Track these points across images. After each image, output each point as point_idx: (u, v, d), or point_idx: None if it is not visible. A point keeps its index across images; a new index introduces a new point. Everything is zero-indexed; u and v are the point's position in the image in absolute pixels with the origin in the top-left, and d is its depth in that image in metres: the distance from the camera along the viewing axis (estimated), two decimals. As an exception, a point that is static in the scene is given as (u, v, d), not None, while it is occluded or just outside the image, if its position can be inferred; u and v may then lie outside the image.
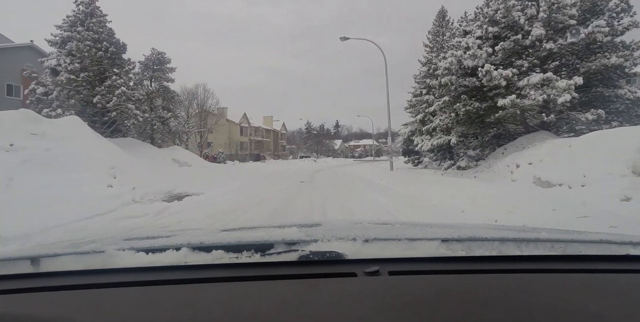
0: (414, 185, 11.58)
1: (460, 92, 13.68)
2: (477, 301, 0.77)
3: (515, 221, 4.88)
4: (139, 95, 17.98)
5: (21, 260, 1.06)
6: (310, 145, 77.30)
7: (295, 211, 7.26)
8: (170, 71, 22.77)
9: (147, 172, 13.35)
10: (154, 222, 6.35)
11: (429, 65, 22.70)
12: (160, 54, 22.29)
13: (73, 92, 16.07)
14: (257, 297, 0.81)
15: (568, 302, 0.76)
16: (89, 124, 16.82)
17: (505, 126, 15.15)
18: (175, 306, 0.79)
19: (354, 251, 1.02)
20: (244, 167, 27.57)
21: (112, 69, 16.94)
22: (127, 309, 0.78)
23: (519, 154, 11.10)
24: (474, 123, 14.49)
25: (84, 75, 16.31)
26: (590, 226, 3.93)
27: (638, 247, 1.08)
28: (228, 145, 50.25)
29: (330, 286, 0.85)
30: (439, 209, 6.90)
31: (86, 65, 16.39)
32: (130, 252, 1.05)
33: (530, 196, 7.36)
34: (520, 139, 13.32)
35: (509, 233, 1.26)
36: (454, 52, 13.05)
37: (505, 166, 11.10)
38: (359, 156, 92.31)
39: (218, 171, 18.94)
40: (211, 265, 1.00)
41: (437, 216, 6.16)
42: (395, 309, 0.73)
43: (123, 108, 16.24)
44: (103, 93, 16.15)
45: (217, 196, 9.99)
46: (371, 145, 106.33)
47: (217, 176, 16.39)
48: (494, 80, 11.61)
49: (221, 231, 1.59)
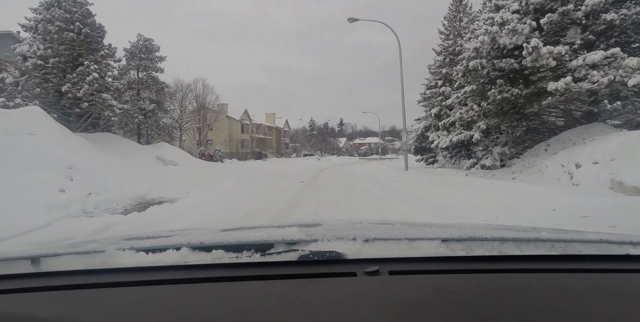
0: (441, 189, 9.37)
1: (494, 78, 11.41)
2: (477, 300, 0.76)
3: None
4: (119, 84, 15.80)
5: (21, 260, 1.05)
6: (314, 143, 74.98)
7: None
8: (160, 60, 20.53)
9: (120, 172, 11.22)
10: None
11: (445, 54, 20.69)
12: (148, 41, 19.98)
13: (41, 80, 13.92)
14: (257, 297, 0.81)
15: (568, 302, 0.76)
16: (60, 116, 14.71)
17: (542, 118, 12.88)
18: (175, 306, 0.78)
19: (354, 251, 1.01)
20: (243, 166, 25.43)
21: (87, 55, 14.78)
22: (127, 309, 0.78)
23: (573, 151, 8.87)
24: (507, 114, 12.23)
25: (54, 61, 14.16)
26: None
27: (638, 247, 1.07)
28: (228, 143, 48.14)
29: (330, 285, 0.85)
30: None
31: (57, 49, 14.24)
32: (130, 252, 1.04)
33: (629, 207, 5.15)
34: (566, 133, 11.08)
35: (509, 233, 1.26)
36: (488, 28, 10.77)
37: (559, 165, 8.87)
38: (363, 154, 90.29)
39: (210, 171, 16.75)
40: (211, 265, 0.99)
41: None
42: (395, 308, 0.72)
43: (97, 98, 14.05)
44: (75, 81, 13.98)
45: (195, 205, 7.83)
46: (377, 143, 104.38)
47: (206, 176, 14.23)
48: (541, 59, 9.36)
49: (221, 231, 1.58)
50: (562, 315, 0.70)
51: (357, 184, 12.29)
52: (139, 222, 5.79)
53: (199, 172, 15.15)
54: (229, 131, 49.89)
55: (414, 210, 6.63)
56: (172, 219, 6.08)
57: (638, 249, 1.06)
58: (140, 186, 10.36)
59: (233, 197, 9.03)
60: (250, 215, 6.35)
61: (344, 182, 13.15)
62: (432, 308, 0.73)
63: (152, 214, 6.50)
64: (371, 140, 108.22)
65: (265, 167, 25.46)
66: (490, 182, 10.04)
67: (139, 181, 11.06)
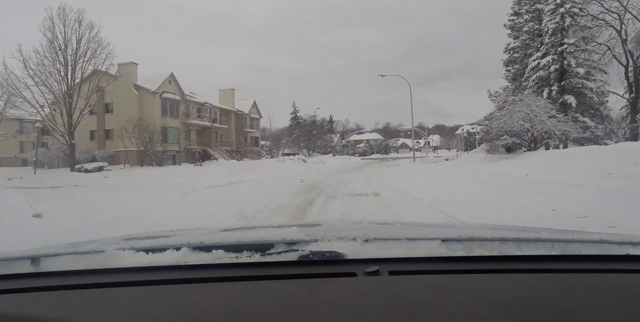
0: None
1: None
2: (477, 300, 0.76)
3: None
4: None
5: (21, 260, 1.05)
6: (297, 138, 53.14)
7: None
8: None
9: None
10: None
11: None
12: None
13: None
14: (257, 297, 0.81)
15: (568, 302, 0.76)
16: None
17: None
18: (175, 306, 0.78)
19: (354, 251, 1.01)
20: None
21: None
22: (127, 309, 0.78)
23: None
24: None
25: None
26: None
27: (638, 247, 1.06)
28: (137, 133, 26.16)
29: (330, 285, 0.85)
30: None
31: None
32: (130, 252, 1.04)
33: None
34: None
35: (509, 233, 1.25)
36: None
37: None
38: (362, 153, 69.72)
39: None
40: (211, 265, 0.99)
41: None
42: (395, 309, 0.72)
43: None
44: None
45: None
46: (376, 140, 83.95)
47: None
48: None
49: (221, 231, 1.54)
50: (562, 315, 0.70)
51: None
52: None
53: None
54: (140, 112, 27.63)
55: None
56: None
57: (638, 249, 1.05)
58: None
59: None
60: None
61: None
62: (432, 308, 0.73)
63: None
64: (370, 136, 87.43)
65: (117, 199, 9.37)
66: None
67: None
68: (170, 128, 28.78)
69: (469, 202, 7.43)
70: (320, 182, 13.76)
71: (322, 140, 55.09)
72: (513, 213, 5.79)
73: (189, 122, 31.24)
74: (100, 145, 29.15)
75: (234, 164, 26.76)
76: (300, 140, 52.15)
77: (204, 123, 33.73)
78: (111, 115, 28.90)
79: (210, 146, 33.45)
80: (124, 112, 27.20)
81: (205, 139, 33.74)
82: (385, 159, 51.97)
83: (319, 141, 53.89)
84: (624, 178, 7.48)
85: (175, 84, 30.80)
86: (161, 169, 24.27)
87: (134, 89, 27.81)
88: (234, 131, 38.97)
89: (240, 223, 5.82)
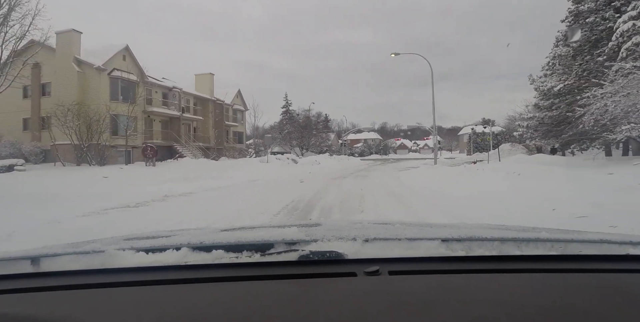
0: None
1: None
2: (477, 300, 0.76)
3: None
4: None
5: (21, 260, 1.04)
6: (288, 135, 46.88)
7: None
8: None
9: None
10: None
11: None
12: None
13: None
14: (257, 297, 0.80)
15: (568, 302, 0.75)
16: None
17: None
18: (175, 306, 0.77)
19: (354, 251, 1.00)
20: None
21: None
22: (127, 309, 0.77)
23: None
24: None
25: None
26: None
27: (638, 247, 1.06)
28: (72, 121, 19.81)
29: (330, 285, 0.84)
30: None
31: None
32: (130, 252, 1.03)
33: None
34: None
35: (509, 233, 1.24)
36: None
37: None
38: (360, 154, 64.45)
39: None
40: (211, 265, 0.98)
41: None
42: (395, 309, 0.72)
43: None
44: None
45: None
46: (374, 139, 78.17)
47: None
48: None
49: (221, 231, 1.54)
50: (562, 315, 0.69)
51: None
52: None
53: None
54: (81, 95, 21.13)
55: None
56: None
57: (638, 249, 1.05)
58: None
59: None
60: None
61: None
62: (432, 308, 0.72)
63: None
64: (368, 135, 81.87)
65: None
66: None
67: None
68: (123, 116, 22.40)
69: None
70: (315, 201, 7.65)
71: (317, 139, 48.93)
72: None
73: (150, 110, 24.89)
74: (35, 137, 22.78)
75: (202, 165, 20.71)
76: (292, 137, 45.92)
77: (171, 112, 27.26)
78: (48, 99, 22.52)
79: (178, 141, 27.14)
80: (64, 94, 21.00)
81: (173, 133, 27.41)
82: (386, 160, 46.25)
83: (313, 139, 47.75)
84: None
85: (132, 61, 24.34)
86: (100, 169, 18.08)
87: (74, 65, 21.45)
88: (211, 124, 32.66)
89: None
